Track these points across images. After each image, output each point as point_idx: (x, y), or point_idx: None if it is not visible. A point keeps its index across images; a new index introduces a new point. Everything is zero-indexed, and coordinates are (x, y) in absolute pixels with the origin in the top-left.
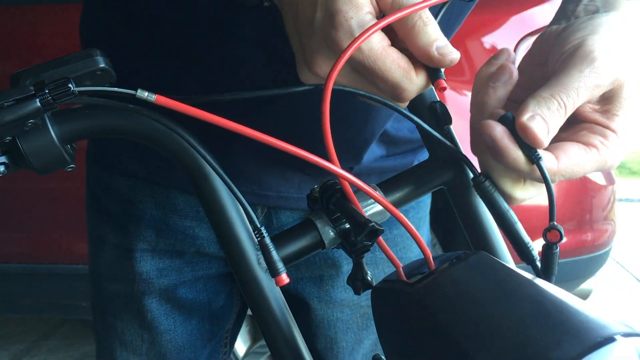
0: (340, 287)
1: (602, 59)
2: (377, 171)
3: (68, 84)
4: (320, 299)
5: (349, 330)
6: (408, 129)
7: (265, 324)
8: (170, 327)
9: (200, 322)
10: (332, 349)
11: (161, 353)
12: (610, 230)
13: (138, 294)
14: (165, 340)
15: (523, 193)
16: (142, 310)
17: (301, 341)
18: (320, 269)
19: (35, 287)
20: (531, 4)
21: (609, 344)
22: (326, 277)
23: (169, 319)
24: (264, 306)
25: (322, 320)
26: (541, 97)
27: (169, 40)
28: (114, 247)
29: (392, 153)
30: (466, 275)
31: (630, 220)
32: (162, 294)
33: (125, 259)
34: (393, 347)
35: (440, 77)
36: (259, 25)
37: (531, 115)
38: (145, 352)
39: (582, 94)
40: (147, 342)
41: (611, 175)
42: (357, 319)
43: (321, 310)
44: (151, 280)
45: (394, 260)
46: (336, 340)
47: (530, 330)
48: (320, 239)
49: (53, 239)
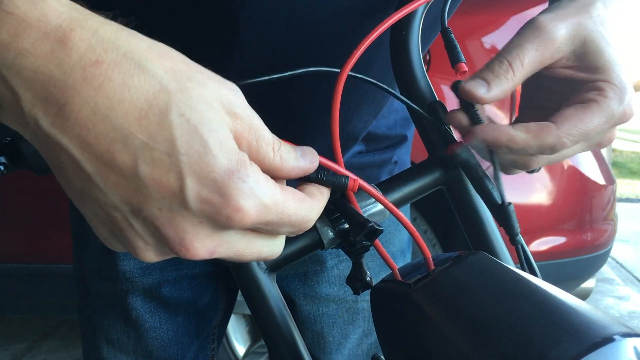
0: (325, 283)
1: (546, 20)
2: (357, 166)
3: None
4: (306, 295)
5: (335, 325)
6: (386, 126)
7: (264, 323)
8: (156, 325)
9: (186, 319)
10: (320, 343)
11: (147, 350)
12: (610, 230)
13: (122, 293)
14: (151, 338)
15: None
16: (126, 308)
17: (300, 341)
18: (304, 265)
19: (35, 287)
20: (531, 4)
21: (608, 344)
22: (311, 273)
23: (154, 317)
24: (262, 306)
25: (309, 316)
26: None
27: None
28: (97, 247)
29: (371, 149)
30: (465, 275)
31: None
32: (146, 292)
33: (109, 258)
34: (392, 347)
35: (460, 61)
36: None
37: (470, 78)
38: (132, 349)
39: (526, 51)
40: (133, 339)
41: (611, 175)
42: (343, 314)
43: (307, 306)
44: (135, 278)
45: (389, 262)
46: (323, 335)
47: (530, 330)
48: (319, 239)
49: (53, 239)
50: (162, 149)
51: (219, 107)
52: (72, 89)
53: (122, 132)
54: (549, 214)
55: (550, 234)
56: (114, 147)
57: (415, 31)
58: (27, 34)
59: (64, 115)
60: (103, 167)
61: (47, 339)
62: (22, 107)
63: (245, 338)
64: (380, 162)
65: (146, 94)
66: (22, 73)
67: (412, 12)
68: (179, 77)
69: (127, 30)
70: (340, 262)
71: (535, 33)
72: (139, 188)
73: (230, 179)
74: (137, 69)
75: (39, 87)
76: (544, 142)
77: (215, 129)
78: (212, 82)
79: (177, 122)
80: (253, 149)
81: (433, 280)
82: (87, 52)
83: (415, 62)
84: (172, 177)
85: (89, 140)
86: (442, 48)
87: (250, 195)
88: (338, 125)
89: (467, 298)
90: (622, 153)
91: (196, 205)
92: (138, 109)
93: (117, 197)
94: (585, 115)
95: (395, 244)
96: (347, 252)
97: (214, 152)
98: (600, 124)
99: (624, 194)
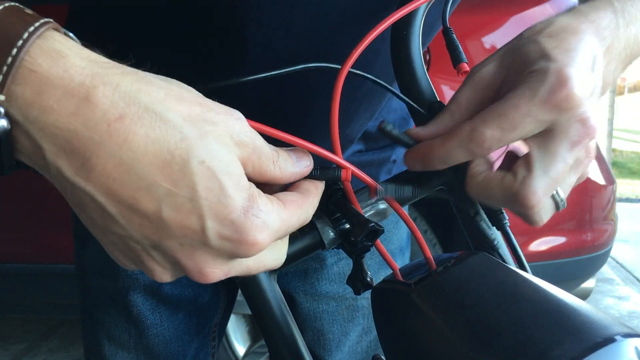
0: (324, 280)
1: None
2: (356, 165)
3: None
4: (306, 292)
5: (335, 322)
6: None
7: (265, 323)
8: (157, 322)
9: (187, 316)
10: (320, 340)
11: (148, 347)
12: (610, 230)
13: (123, 290)
14: (152, 335)
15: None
16: (128, 305)
17: (301, 341)
18: (304, 262)
19: (35, 287)
20: (531, 4)
21: (609, 344)
22: (311, 270)
23: (155, 314)
24: (263, 306)
25: (309, 313)
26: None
27: (157, 53)
28: (98, 245)
29: (370, 148)
30: (466, 275)
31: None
32: (147, 289)
33: (109, 257)
34: (393, 347)
35: (462, 61)
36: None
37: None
38: (133, 346)
39: (461, 90)
40: (134, 336)
41: (611, 175)
42: (343, 311)
43: (307, 303)
44: (136, 276)
45: (390, 262)
46: (323, 332)
47: (530, 331)
48: (320, 239)
49: (53, 239)
50: (185, 195)
51: (230, 142)
52: (98, 144)
53: (147, 180)
54: None
55: (550, 234)
56: (139, 194)
57: (416, 31)
58: (50, 91)
59: (89, 167)
60: (127, 210)
61: (47, 339)
62: (45, 157)
63: (245, 338)
64: (379, 160)
65: (168, 144)
66: (46, 129)
67: (412, 11)
68: (196, 122)
69: (145, 79)
70: (340, 259)
71: (469, 76)
72: (162, 228)
73: (247, 218)
74: (158, 121)
75: (63, 141)
76: (459, 138)
77: (231, 171)
78: (221, 117)
79: (197, 169)
80: (256, 167)
81: (434, 281)
82: (111, 107)
83: (416, 62)
84: (193, 219)
85: (113, 188)
86: (443, 47)
87: (264, 228)
88: (337, 120)
89: (468, 298)
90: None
91: (216, 243)
92: (161, 159)
93: (140, 235)
94: (499, 101)
95: (394, 242)
96: (348, 252)
97: (230, 194)
98: (516, 103)
99: (624, 194)
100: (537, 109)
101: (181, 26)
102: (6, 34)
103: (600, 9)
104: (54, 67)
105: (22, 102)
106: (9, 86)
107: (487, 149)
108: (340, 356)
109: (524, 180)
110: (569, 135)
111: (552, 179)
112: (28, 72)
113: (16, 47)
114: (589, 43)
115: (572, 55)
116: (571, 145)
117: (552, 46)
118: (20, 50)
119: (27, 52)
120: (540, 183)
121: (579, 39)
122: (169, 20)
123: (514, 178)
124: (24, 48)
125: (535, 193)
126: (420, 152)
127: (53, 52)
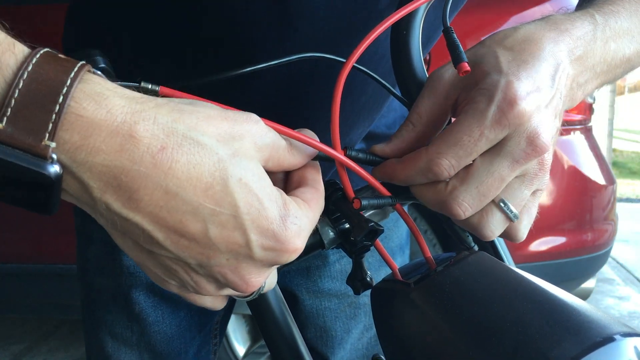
0: (327, 278)
1: (437, 69)
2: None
3: None
4: (309, 290)
5: (337, 320)
6: (385, 125)
7: (265, 323)
8: (159, 319)
9: (189, 313)
10: (322, 337)
11: (151, 344)
12: (610, 230)
13: (125, 287)
14: (154, 332)
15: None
16: (130, 302)
17: (300, 341)
18: (306, 260)
19: (35, 287)
20: (531, 4)
21: (609, 344)
22: (313, 268)
23: (156, 311)
24: (263, 306)
25: (311, 310)
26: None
27: (156, 53)
28: (101, 243)
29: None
30: (466, 275)
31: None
32: (149, 287)
33: (112, 254)
34: (393, 347)
35: (463, 60)
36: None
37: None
38: (136, 343)
39: (420, 100)
40: (136, 333)
41: (611, 175)
42: (345, 308)
43: (310, 301)
44: (138, 273)
45: (389, 262)
46: (326, 329)
47: (530, 330)
48: (320, 239)
49: (53, 239)
50: (228, 212)
51: (256, 153)
52: (145, 176)
53: (192, 204)
54: (549, 214)
55: (551, 234)
56: (186, 218)
57: (416, 31)
58: (97, 133)
59: (137, 199)
60: (174, 235)
61: (47, 339)
62: (92, 195)
63: (245, 338)
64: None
65: (208, 167)
66: (94, 168)
67: (412, 12)
68: (227, 141)
69: (177, 108)
70: (342, 257)
71: (428, 83)
72: (209, 247)
73: (285, 227)
74: (196, 146)
75: (111, 178)
76: (417, 167)
77: (263, 184)
78: (244, 127)
79: (237, 187)
80: (275, 160)
81: (434, 280)
82: (152, 140)
83: (416, 62)
84: (238, 235)
85: (161, 215)
86: (443, 48)
87: (300, 233)
88: (338, 113)
89: (468, 298)
90: (622, 153)
91: (260, 254)
92: (204, 182)
93: (186, 255)
94: (452, 126)
95: (394, 240)
96: (348, 252)
97: (267, 206)
98: (468, 129)
99: (624, 194)
100: (489, 131)
101: (181, 26)
102: (49, 82)
103: (576, 20)
104: (98, 110)
105: (69, 147)
106: (57, 132)
107: (447, 176)
108: (342, 353)
109: (452, 191)
110: (512, 154)
111: (481, 194)
112: (75, 117)
113: (62, 94)
114: (552, 52)
115: (526, 67)
116: (513, 163)
117: (507, 59)
118: (66, 97)
119: (72, 97)
120: (467, 196)
121: (539, 47)
122: (169, 20)
123: (445, 187)
124: (70, 94)
125: (460, 205)
126: (386, 171)
127: (95, 94)
